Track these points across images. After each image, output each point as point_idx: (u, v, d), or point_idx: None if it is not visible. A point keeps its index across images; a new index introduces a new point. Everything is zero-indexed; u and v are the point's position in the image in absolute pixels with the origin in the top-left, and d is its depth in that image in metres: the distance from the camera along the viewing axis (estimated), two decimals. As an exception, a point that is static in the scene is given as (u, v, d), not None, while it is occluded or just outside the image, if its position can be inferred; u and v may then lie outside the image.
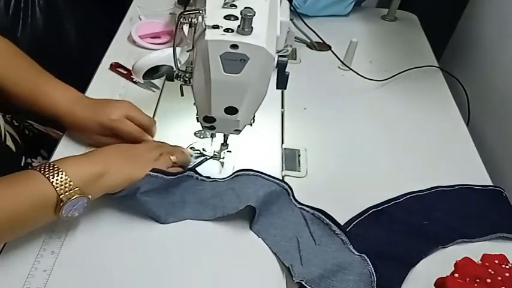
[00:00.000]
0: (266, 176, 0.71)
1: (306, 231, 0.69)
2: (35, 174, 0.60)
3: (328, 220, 0.69)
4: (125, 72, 0.95)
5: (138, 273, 0.63)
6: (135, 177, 0.66)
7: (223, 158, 0.78)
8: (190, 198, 0.70)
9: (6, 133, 0.77)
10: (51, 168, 0.60)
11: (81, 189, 0.61)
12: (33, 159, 0.82)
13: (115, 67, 0.96)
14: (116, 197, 0.67)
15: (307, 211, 0.71)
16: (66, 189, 0.60)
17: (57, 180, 0.59)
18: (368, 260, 0.65)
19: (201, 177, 0.72)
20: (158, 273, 0.63)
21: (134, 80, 0.92)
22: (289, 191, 0.72)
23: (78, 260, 0.63)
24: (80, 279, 0.61)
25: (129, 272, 0.63)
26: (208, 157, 0.78)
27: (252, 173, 0.72)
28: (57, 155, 0.77)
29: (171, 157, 0.72)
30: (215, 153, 0.78)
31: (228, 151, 0.78)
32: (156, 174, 0.67)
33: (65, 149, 0.78)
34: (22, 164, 0.80)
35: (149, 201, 0.67)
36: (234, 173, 0.73)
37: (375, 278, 0.63)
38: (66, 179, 0.60)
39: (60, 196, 0.59)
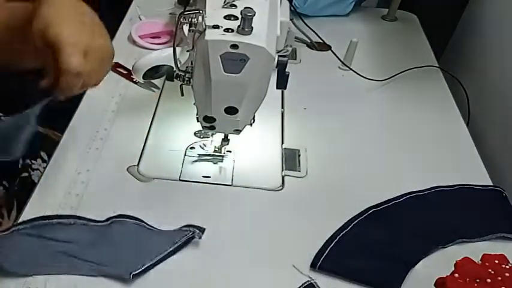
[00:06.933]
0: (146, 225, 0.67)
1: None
2: None
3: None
4: (125, 72, 0.95)
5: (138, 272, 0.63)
6: None
7: (224, 154, 0.77)
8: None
9: None
10: None
11: None
12: (33, 161, 0.82)
13: (115, 67, 0.96)
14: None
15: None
16: None
17: None
18: None
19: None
20: (159, 271, 0.63)
21: (134, 80, 0.92)
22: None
23: (78, 260, 0.63)
24: (80, 280, 0.61)
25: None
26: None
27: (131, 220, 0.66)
28: (56, 156, 0.77)
29: None
30: (216, 149, 0.78)
31: (228, 151, 0.78)
32: None
33: (64, 150, 0.78)
34: (20, 166, 0.79)
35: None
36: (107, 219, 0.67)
37: None
38: None
39: None
